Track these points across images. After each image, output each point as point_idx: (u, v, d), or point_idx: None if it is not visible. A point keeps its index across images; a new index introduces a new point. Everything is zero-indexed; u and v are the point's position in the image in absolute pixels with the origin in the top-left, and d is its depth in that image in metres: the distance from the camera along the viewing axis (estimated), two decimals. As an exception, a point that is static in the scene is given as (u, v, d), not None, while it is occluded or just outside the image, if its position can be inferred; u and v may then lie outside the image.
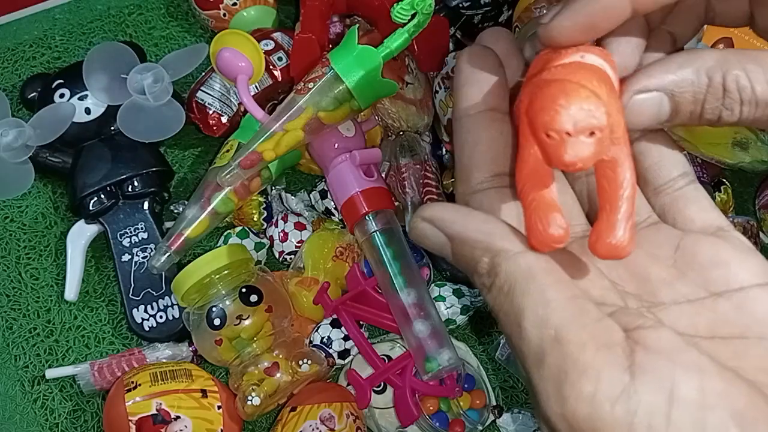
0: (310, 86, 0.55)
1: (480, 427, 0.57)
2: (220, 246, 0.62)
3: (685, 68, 0.25)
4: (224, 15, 0.68)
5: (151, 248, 0.62)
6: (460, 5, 0.65)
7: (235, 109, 0.65)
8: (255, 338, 0.56)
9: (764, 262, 0.26)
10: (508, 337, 0.23)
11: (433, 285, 0.61)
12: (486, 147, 0.27)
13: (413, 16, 0.53)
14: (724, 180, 0.67)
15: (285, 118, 0.54)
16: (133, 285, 0.61)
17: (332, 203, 0.62)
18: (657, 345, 0.21)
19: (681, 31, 0.29)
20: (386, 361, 0.57)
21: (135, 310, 0.61)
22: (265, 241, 0.63)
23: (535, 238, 0.24)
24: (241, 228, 0.63)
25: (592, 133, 0.22)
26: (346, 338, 0.59)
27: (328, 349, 0.59)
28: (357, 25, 0.57)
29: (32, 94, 0.67)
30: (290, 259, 0.63)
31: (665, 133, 0.29)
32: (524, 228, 0.25)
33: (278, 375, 0.55)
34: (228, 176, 0.55)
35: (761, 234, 0.66)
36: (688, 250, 0.26)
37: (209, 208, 0.60)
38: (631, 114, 0.25)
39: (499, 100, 0.28)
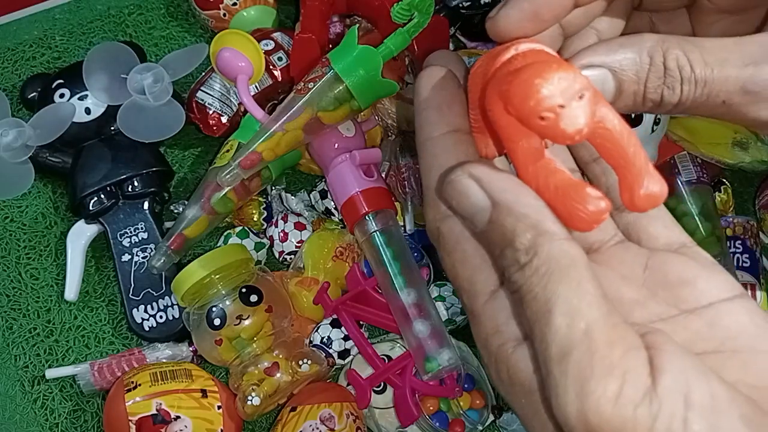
0: (310, 86, 0.55)
1: (480, 427, 0.57)
2: (220, 246, 0.62)
3: (626, 48, 0.25)
4: (224, 15, 0.68)
5: (151, 248, 0.62)
6: (460, 5, 0.65)
7: (235, 109, 0.65)
8: (255, 338, 0.56)
9: (727, 276, 0.26)
10: (528, 321, 0.23)
11: (433, 285, 0.61)
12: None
13: (413, 16, 0.53)
14: (724, 180, 0.67)
15: (285, 118, 0.54)
16: (133, 285, 0.61)
17: (332, 203, 0.62)
18: (672, 351, 0.22)
19: None
20: (386, 361, 0.57)
21: (135, 310, 0.61)
22: (265, 241, 0.63)
23: (579, 220, 0.23)
24: (241, 228, 0.63)
25: (581, 96, 0.22)
26: (346, 338, 0.59)
27: (328, 349, 0.59)
28: (357, 25, 0.57)
29: (32, 94, 0.67)
30: (290, 259, 0.63)
31: None
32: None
33: (278, 375, 0.55)
34: (228, 176, 0.55)
35: (761, 234, 0.66)
36: (656, 269, 0.27)
37: (209, 208, 0.60)
38: None
39: (461, 120, 0.27)
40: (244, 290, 0.56)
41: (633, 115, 0.57)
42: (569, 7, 0.27)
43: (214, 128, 0.65)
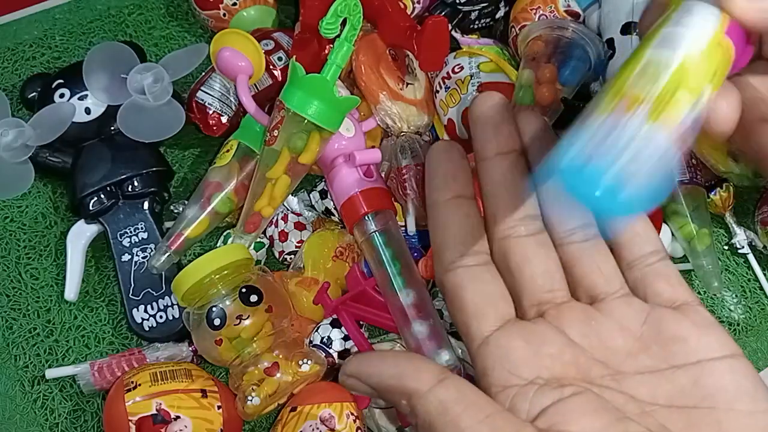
0: (275, 134, 0.56)
1: (480, 427, 0.57)
2: (220, 246, 0.62)
3: None
4: (224, 15, 0.68)
5: (151, 248, 0.62)
6: (458, 2, 0.65)
7: (235, 109, 0.65)
8: (255, 338, 0.56)
9: (723, 335, 0.28)
10: None
11: (433, 285, 0.61)
12: (454, 230, 0.31)
13: (344, 23, 0.53)
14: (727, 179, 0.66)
15: (266, 170, 0.56)
16: (133, 285, 0.61)
17: (332, 203, 0.62)
18: None
19: None
20: (386, 361, 0.57)
21: (135, 310, 0.61)
22: (265, 241, 0.63)
23: None
24: (241, 228, 0.63)
25: None
26: (346, 338, 0.59)
27: (328, 349, 0.59)
28: (293, 57, 0.58)
29: (32, 94, 0.67)
30: (290, 259, 0.63)
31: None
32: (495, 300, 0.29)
33: (278, 375, 0.55)
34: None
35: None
36: (653, 325, 0.29)
37: (209, 208, 0.60)
38: None
39: (463, 187, 0.31)
40: (244, 290, 0.56)
41: None
42: None
43: (214, 128, 0.65)
